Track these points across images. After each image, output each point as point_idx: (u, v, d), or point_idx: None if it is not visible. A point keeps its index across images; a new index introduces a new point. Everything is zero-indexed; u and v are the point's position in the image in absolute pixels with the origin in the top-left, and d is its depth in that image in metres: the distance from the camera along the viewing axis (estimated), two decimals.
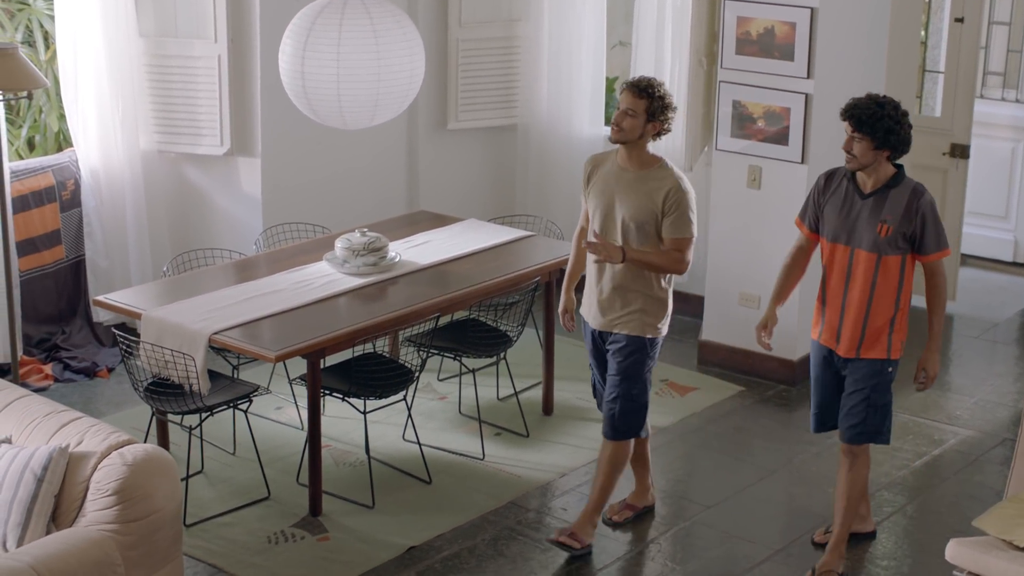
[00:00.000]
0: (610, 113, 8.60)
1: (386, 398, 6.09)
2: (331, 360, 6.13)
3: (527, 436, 6.68)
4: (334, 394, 6.00)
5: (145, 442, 4.92)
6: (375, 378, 6.03)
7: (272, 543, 5.74)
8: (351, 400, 6.02)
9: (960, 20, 8.28)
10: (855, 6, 7.15)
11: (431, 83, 8.12)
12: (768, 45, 7.04)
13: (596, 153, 5.80)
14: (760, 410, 7.11)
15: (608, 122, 8.18)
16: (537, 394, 7.05)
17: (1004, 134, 9.29)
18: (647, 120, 5.45)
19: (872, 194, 5.28)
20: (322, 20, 6.01)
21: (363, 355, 6.28)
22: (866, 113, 5.17)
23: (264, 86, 7.52)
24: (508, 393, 7.06)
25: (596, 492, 5.72)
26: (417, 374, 6.16)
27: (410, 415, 6.40)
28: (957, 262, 8.37)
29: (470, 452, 6.53)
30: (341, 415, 6.66)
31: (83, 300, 7.65)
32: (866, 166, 5.25)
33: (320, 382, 5.89)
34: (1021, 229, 9.36)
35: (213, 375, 5.91)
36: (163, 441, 6.08)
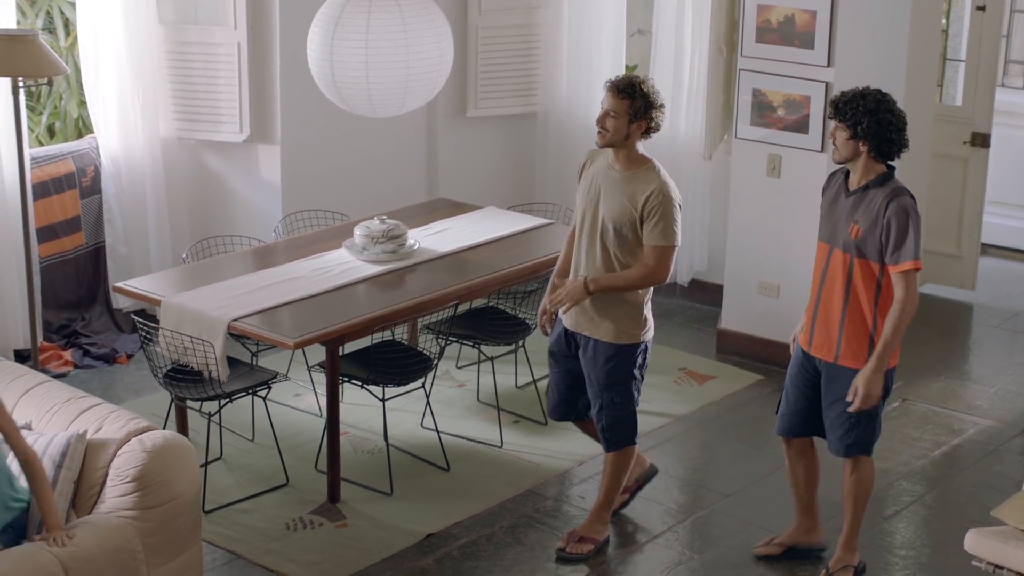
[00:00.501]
0: None
1: (405, 385, 6.10)
2: (350, 347, 6.14)
3: (545, 424, 6.68)
4: (353, 381, 6.00)
5: (164, 429, 4.95)
6: (394, 365, 6.03)
7: (290, 530, 5.76)
8: (370, 387, 6.03)
9: (982, 8, 8.22)
10: None
11: (451, 70, 8.10)
12: (788, 33, 7.01)
13: (595, 148, 5.56)
14: (778, 399, 7.08)
15: None
16: None
17: None
18: (631, 120, 5.26)
19: (854, 192, 5.08)
20: (350, 8, 6.02)
21: (382, 342, 6.27)
22: (843, 100, 5.00)
23: (284, 73, 7.52)
24: (527, 381, 7.07)
25: (603, 492, 5.68)
26: (436, 361, 6.16)
27: (428, 403, 6.41)
28: (977, 251, 8.31)
29: (488, 440, 6.54)
30: (360, 402, 6.67)
31: (103, 287, 7.67)
32: (847, 159, 5.05)
33: (339, 369, 5.90)
34: None
35: (232, 362, 5.93)
36: (182, 428, 6.10)
